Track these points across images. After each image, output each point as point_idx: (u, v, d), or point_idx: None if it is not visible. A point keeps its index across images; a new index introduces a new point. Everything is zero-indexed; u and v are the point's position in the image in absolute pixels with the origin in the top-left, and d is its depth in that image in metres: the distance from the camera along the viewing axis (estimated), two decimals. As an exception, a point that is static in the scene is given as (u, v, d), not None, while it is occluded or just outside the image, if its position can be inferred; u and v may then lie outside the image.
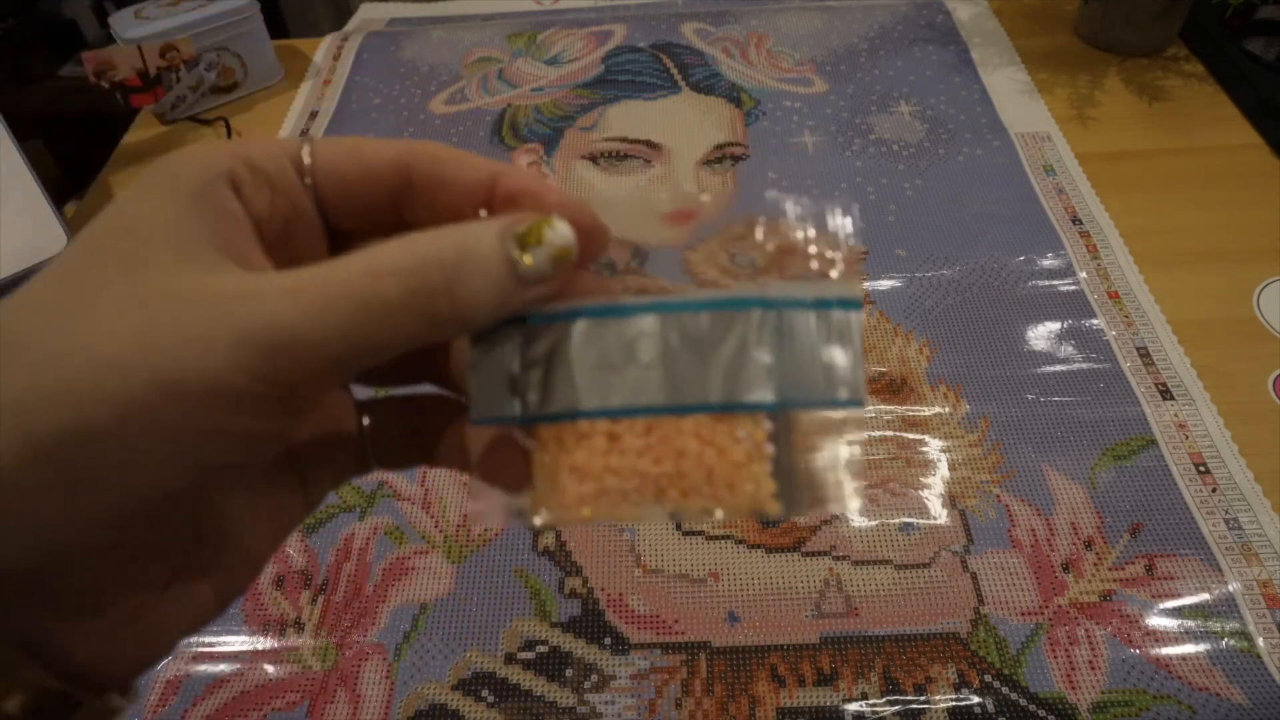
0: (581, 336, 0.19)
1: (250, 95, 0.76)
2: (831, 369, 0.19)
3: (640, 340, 0.19)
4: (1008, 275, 0.55)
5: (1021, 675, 0.38)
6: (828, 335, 0.19)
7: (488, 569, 0.43)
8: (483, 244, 0.18)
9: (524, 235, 0.18)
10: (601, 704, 0.38)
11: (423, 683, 0.39)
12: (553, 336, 0.19)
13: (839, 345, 0.19)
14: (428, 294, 0.17)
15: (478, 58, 0.77)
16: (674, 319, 0.19)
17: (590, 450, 0.19)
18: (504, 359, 0.20)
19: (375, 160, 0.20)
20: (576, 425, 0.19)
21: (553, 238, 0.18)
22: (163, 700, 0.39)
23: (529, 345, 0.20)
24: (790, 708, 0.38)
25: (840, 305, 0.19)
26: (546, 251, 0.18)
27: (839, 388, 0.19)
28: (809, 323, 0.19)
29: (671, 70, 0.73)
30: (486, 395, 0.20)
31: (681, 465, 0.19)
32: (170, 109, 0.73)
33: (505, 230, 0.18)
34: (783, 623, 0.40)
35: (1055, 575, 0.41)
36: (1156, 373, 0.49)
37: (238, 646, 0.41)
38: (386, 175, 0.20)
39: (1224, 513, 0.43)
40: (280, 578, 0.43)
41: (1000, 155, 0.64)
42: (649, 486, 0.19)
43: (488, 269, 0.18)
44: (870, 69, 0.73)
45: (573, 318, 0.19)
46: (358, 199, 0.20)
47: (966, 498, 0.44)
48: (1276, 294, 0.53)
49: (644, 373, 0.19)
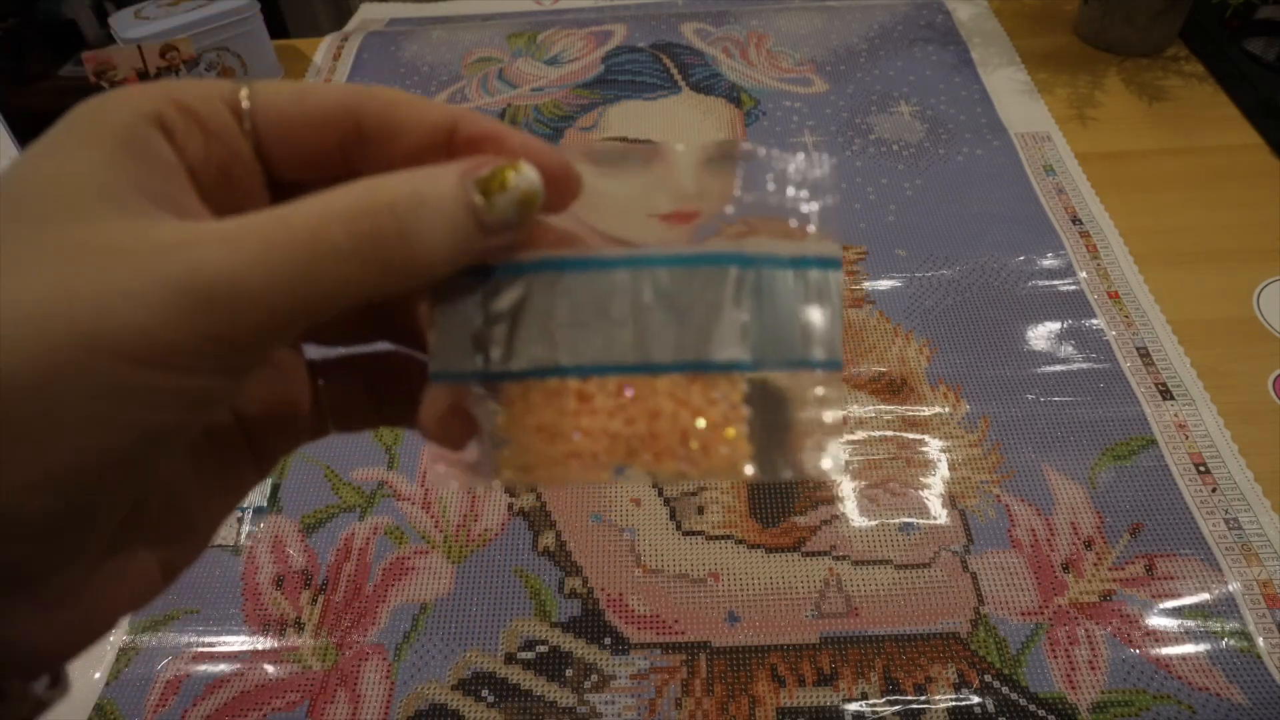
0: (550, 289, 0.18)
1: None
2: (809, 329, 0.18)
3: (613, 295, 0.18)
4: (1008, 275, 0.55)
5: (1021, 675, 0.38)
6: (805, 295, 0.18)
7: (488, 569, 0.43)
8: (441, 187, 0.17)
9: (487, 180, 0.17)
10: (601, 704, 0.38)
11: (423, 682, 0.39)
12: (519, 289, 0.18)
13: (817, 305, 0.18)
14: (378, 240, 0.16)
15: (478, 58, 0.77)
16: (648, 274, 0.18)
17: (559, 410, 0.18)
18: (466, 312, 0.19)
19: (322, 104, 0.18)
20: (545, 383, 0.18)
21: (518, 182, 0.17)
22: (162, 700, 0.39)
23: (493, 298, 0.19)
24: (790, 708, 0.38)
25: (819, 265, 0.19)
26: (511, 196, 0.17)
27: (816, 348, 0.18)
28: (787, 281, 0.18)
29: (671, 70, 0.73)
30: (447, 350, 0.19)
31: (655, 427, 0.18)
32: None
33: (467, 173, 0.17)
34: (783, 623, 0.40)
35: (1055, 575, 0.41)
36: (1156, 373, 0.49)
37: (237, 647, 0.41)
38: (335, 120, 0.18)
39: (1224, 513, 0.43)
40: (280, 578, 0.43)
41: (1000, 155, 0.64)
42: (620, 448, 0.18)
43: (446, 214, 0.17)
44: (870, 69, 0.73)
45: (541, 269, 0.18)
46: (303, 146, 0.19)
47: (966, 498, 0.44)
48: (1276, 294, 0.53)
49: (616, 329, 0.18)
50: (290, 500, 0.46)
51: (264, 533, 0.45)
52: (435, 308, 0.19)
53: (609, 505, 0.45)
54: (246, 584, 0.43)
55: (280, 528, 0.45)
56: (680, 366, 0.18)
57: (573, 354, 0.18)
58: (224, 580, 0.43)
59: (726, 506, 0.45)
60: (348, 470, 0.48)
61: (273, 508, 0.46)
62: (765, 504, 0.45)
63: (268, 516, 0.46)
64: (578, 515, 0.45)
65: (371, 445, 0.49)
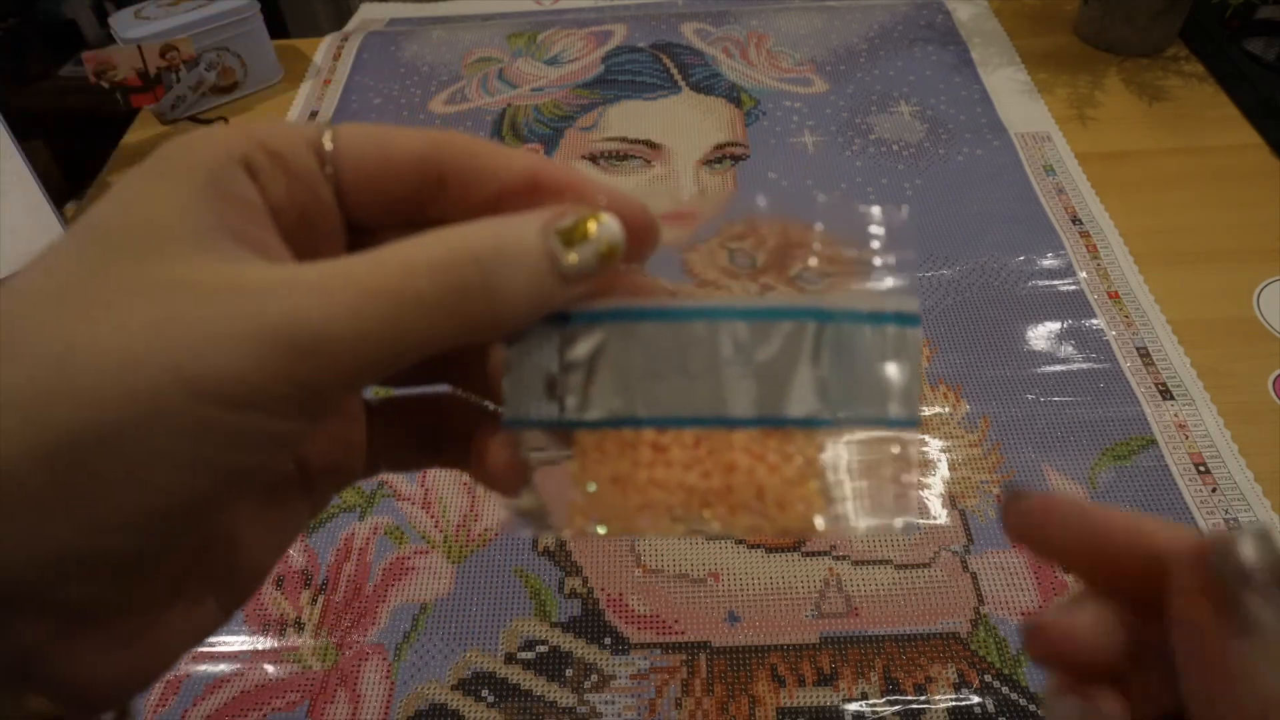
0: (627, 339, 0.18)
1: (250, 95, 0.76)
2: (887, 386, 0.18)
3: (691, 348, 0.18)
4: (1008, 275, 0.55)
5: (1021, 675, 0.38)
6: (884, 351, 0.18)
7: (488, 569, 0.43)
8: (524, 238, 0.17)
9: (569, 230, 0.17)
10: (601, 704, 0.38)
11: (423, 682, 0.39)
12: (595, 338, 0.18)
13: (895, 361, 0.18)
14: (464, 292, 0.16)
15: (478, 58, 0.77)
16: (726, 326, 0.18)
17: (634, 461, 0.18)
18: (542, 359, 0.18)
19: (404, 150, 0.19)
20: (620, 433, 0.18)
21: (600, 233, 0.17)
22: (163, 700, 0.39)
23: (569, 346, 0.18)
24: (790, 707, 0.38)
25: (897, 320, 0.18)
26: (593, 248, 0.17)
27: (894, 405, 0.18)
28: (865, 337, 0.18)
29: (671, 70, 0.73)
30: (522, 396, 0.19)
31: (731, 480, 0.18)
32: (170, 109, 0.73)
33: (549, 224, 0.17)
34: (783, 623, 0.40)
35: (1055, 575, 0.41)
36: (1156, 373, 0.49)
37: (238, 646, 0.41)
38: (415, 167, 0.19)
39: (1224, 512, 0.43)
40: (280, 578, 0.43)
41: (1000, 155, 0.64)
42: (695, 500, 0.18)
43: (529, 265, 0.17)
44: (870, 69, 0.73)
45: (617, 319, 0.18)
46: (383, 191, 0.19)
47: (966, 498, 0.44)
48: (1276, 294, 0.53)
49: (693, 382, 0.18)
50: (290, 500, 0.46)
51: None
52: (509, 354, 0.19)
53: (609, 505, 0.45)
54: (246, 584, 0.43)
55: (280, 528, 0.45)
56: (757, 421, 0.18)
57: (650, 406, 0.18)
58: (224, 580, 0.43)
59: (726, 506, 0.45)
60: (348, 470, 0.48)
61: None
62: (765, 504, 0.45)
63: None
64: (578, 515, 0.45)
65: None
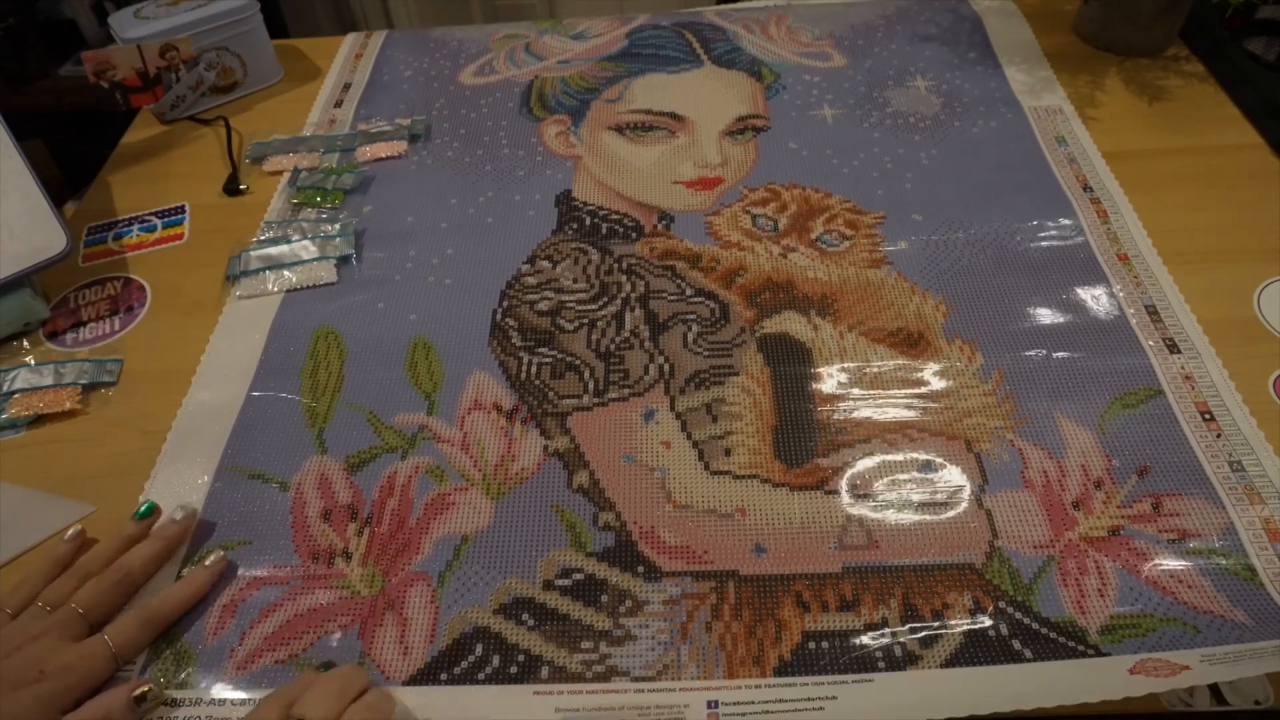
0: None
1: (250, 95, 0.77)
2: None
3: None
4: (1020, 238, 0.57)
5: (1034, 601, 0.40)
6: None
7: (525, 505, 0.45)
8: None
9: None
10: (636, 627, 0.41)
11: (466, 607, 0.42)
12: None
13: None
14: None
15: (505, 34, 0.80)
16: None
17: None
18: None
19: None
20: None
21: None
22: (220, 624, 0.42)
23: None
24: (815, 631, 0.40)
25: None
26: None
27: None
28: None
29: (694, 45, 0.76)
30: None
31: None
32: (170, 109, 0.73)
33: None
34: (807, 554, 0.42)
35: (1066, 512, 0.43)
36: (1164, 328, 0.51)
37: (288, 573, 0.43)
38: None
39: (1228, 456, 0.45)
40: (328, 511, 0.46)
41: (1014, 127, 0.66)
42: None
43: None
44: (887, 44, 0.75)
45: None
46: None
47: (981, 442, 0.46)
48: (1276, 294, 0.53)
49: None
50: (334, 443, 0.49)
51: (309, 471, 0.47)
52: None
53: (640, 447, 0.47)
54: (295, 517, 0.45)
55: (325, 467, 0.48)
56: None
57: None
58: (273, 514, 0.46)
59: (752, 449, 0.47)
60: (389, 415, 0.50)
61: (318, 449, 0.48)
62: (789, 447, 0.47)
63: (312, 457, 0.48)
64: (610, 457, 0.47)
65: (412, 394, 0.51)
